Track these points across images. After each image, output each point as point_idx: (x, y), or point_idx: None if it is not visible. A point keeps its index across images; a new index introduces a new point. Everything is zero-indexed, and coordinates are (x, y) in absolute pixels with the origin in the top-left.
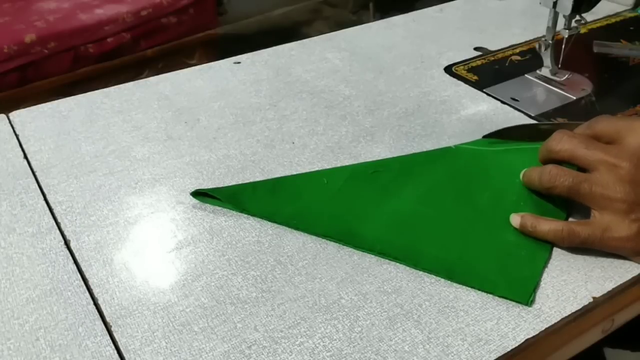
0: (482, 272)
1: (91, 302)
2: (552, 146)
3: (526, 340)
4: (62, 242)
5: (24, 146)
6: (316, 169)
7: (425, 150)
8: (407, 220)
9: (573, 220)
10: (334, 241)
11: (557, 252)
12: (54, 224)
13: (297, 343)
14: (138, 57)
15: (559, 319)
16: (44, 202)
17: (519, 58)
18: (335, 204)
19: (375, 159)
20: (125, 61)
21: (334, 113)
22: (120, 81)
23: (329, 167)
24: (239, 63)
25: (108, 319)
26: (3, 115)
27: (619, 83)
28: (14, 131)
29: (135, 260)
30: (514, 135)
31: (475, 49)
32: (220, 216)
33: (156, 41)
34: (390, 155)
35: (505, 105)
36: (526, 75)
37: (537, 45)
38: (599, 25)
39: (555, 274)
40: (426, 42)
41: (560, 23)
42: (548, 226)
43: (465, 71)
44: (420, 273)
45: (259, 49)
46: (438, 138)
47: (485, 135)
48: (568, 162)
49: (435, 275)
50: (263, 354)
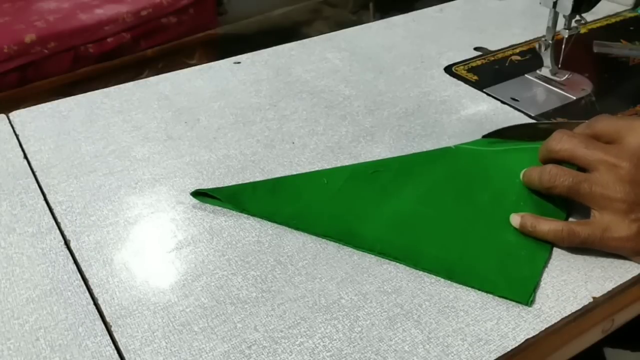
0: (482, 272)
1: (91, 302)
2: (552, 146)
3: (526, 340)
4: (62, 242)
5: (24, 146)
6: (316, 169)
7: (425, 150)
8: (407, 220)
9: (573, 220)
10: (334, 241)
11: (557, 252)
12: (54, 224)
13: (297, 343)
14: (138, 57)
15: (559, 319)
16: (44, 202)
17: (519, 58)
18: (335, 204)
19: (375, 159)
20: (125, 61)
21: (334, 113)
22: (120, 81)
23: (329, 167)
24: (239, 63)
25: (108, 319)
26: (3, 115)
27: (619, 83)
28: (14, 131)
29: (135, 260)
30: (514, 134)
31: (475, 49)
32: (220, 216)
33: (156, 41)
34: (390, 155)
35: (505, 105)
36: (526, 75)
37: (537, 45)
38: (599, 25)
39: (555, 274)
40: (426, 42)
41: (560, 23)
42: (548, 226)
43: (465, 71)
44: (420, 273)
45: (259, 49)
46: (438, 138)
47: (484, 135)
48: (568, 162)
49: (435, 275)
50: (263, 354)
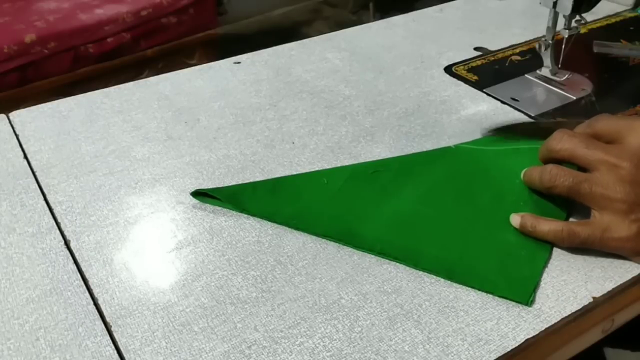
0: (482, 272)
1: (91, 302)
2: (553, 145)
3: (526, 340)
4: (62, 242)
5: (24, 146)
6: (316, 169)
7: (425, 150)
8: (407, 220)
9: (573, 220)
10: (334, 241)
11: (557, 252)
12: (54, 224)
13: (297, 343)
14: (138, 57)
15: (559, 319)
16: (44, 202)
17: (519, 58)
18: (335, 204)
19: (375, 159)
20: (125, 61)
21: (334, 113)
22: (120, 81)
23: (329, 167)
24: (239, 63)
25: (108, 319)
26: (3, 115)
27: (619, 83)
28: (14, 131)
29: (135, 260)
30: (513, 133)
31: (475, 49)
32: (220, 216)
33: (156, 41)
34: (390, 155)
35: (505, 105)
36: (526, 75)
37: (537, 45)
38: (599, 25)
39: (555, 274)
40: (426, 42)
41: (560, 23)
42: (548, 226)
43: (465, 71)
44: (420, 273)
45: (259, 49)
46: (438, 138)
47: (484, 133)
48: (568, 162)
49: (435, 275)
50: (263, 354)
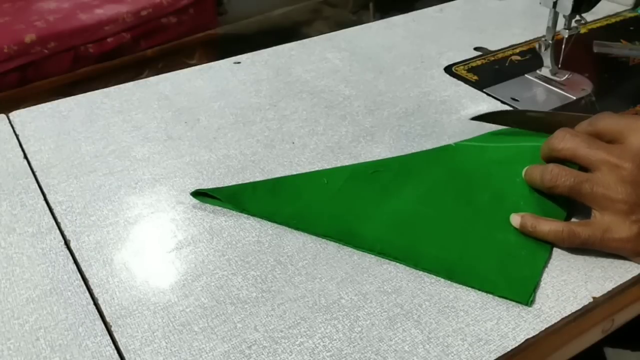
0: (482, 272)
1: (91, 302)
2: (555, 144)
3: (526, 340)
4: (62, 242)
5: (24, 146)
6: (316, 169)
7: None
8: (407, 220)
9: (574, 220)
10: (334, 241)
11: (557, 252)
12: (54, 224)
13: (297, 343)
14: (138, 57)
15: (559, 319)
16: (44, 202)
17: (519, 58)
18: (335, 204)
19: (375, 159)
20: (125, 61)
21: (334, 113)
22: (120, 81)
23: (329, 167)
24: (239, 63)
25: (108, 319)
26: (3, 115)
27: (619, 83)
28: (14, 131)
29: (135, 260)
30: (499, 120)
31: (475, 49)
32: (220, 216)
33: (156, 41)
34: (390, 155)
35: (506, 105)
36: (526, 75)
37: (537, 45)
38: (599, 25)
39: (555, 274)
40: (426, 42)
41: (560, 23)
42: (548, 227)
43: (465, 71)
44: (420, 273)
45: (259, 49)
46: (438, 138)
47: (471, 118)
48: (570, 161)
49: (435, 275)
50: (263, 354)
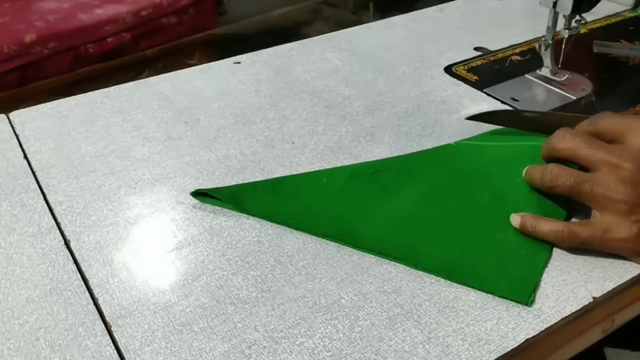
0: (482, 272)
1: (91, 302)
2: (555, 144)
3: (526, 340)
4: (62, 242)
5: (24, 146)
6: (316, 169)
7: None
8: (407, 220)
9: (575, 220)
10: (334, 241)
11: (557, 252)
12: (54, 224)
13: (297, 343)
14: (138, 57)
15: (559, 319)
16: (44, 202)
17: (519, 58)
18: (335, 204)
19: (375, 159)
20: (125, 61)
21: (334, 113)
22: (120, 81)
23: (329, 167)
24: (239, 63)
25: (108, 319)
26: (3, 115)
27: (619, 83)
28: (14, 131)
29: (135, 260)
30: (495, 120)
31: (475, 49)
32: (220, 216)
33: (156, 41)
34: (390, 155)
35: (506, 105)
36: (526, 75)
37: (537, 45)
38: (599, 25)
39: (555, 274)
40: (426, 42)
41: (560, 23)
42: (548, 227)
43: (465, 71)
44: (420, 273)
45: (259, 49)
46: (438, 138)
47: (467, 117)
48: (570, 161)
49: (435, 275)
50: (263, 354)
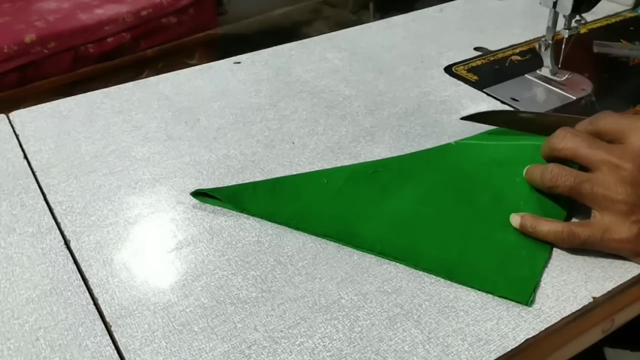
0: (482, 272)
1: (91, 302)
2: (555, 144)
3: (526, 340)
4: (62, 242)
5: (24, 146)
6: (316, 169)
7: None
8: (407, 220)
9: (575, 220)
10: (334, 241)
11: (557, 252)
12: (54, 224)
13: (297, 343)
14: (138, 57)
15: (559, 319)
16: (44, 202)
17: (519, 58)
18: (335, 204)
19: (375, 159)
20: (125, 61)
21: (334, 113)
22: (120, 81)
23: (329, 167)
24: (239, 63)
25: (108, 319)
26: (3, 115)
27: (619, 83)
28: (14, 131)
29: (135, 260)
30: (490, 120)
31: (475, 49)
32: (220, 216)
33: (156, 41)
34: (390, 155)
35: (506, 105)
36: (526, 75)
37: (537, 45)
38: (599, 25)
39: (555, 274)
40: (426, 42)
41: (560, 23)
42: (548, 227)
43: (465, 71)
44: (420, 273)
45: (259, 49)
46: (438, 138)
47: (462, 117)
48: (570, 161)
49: (435, 275)
50: (263, 354)
